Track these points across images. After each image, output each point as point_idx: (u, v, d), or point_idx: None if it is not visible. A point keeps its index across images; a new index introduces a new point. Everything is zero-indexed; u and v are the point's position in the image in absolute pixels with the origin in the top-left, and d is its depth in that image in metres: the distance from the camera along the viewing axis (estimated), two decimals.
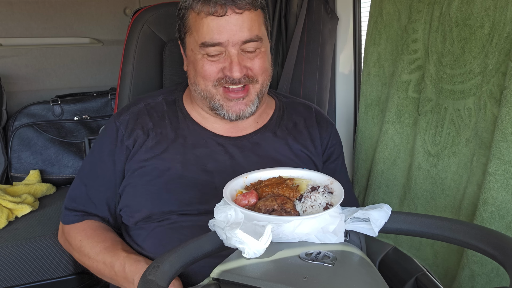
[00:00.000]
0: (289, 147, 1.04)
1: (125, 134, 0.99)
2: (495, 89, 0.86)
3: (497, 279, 0.88)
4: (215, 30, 0.89)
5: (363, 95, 1.31)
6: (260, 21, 0.94)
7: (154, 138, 0.98)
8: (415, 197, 1.09)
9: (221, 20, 0.88)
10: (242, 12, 0.89)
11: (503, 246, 0.57)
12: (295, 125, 1.08)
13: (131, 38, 1.25)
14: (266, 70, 0.96)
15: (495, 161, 0.83)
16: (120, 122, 1.01)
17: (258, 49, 0.93)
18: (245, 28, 0.89)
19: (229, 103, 0.95)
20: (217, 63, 0.92)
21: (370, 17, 1.26)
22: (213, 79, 0.93)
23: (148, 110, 1.02)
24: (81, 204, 1.01)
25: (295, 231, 0.65)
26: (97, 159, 1.02)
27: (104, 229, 1.00)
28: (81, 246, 0.97)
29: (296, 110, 1.11)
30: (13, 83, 2.01)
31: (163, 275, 0.56)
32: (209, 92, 0.95)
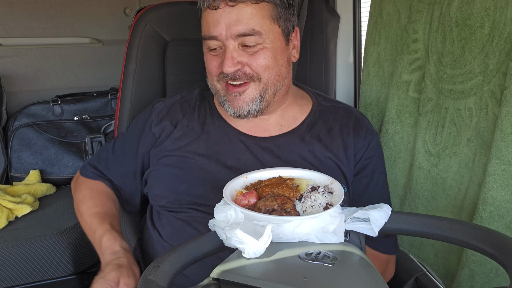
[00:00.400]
0: (314, 154, 0.98)
1: (154, 122, 1.03)
2: (496, 89, 0.86)
3: (496, 279, 0.88)
4: (211, 23, 0.89)
5: (362, 95, 1.31)
6: (262, 15, 0.89)
7: (180, 130, 1.00)
8: (416, 197, 1.10)
9: (216, 13, 0.88)
10: (235, 4, 0.87)
11: (503, 246, 0.57)
12: (329, 131, 1.00)
13: (133, 37, 1.25)
14: (269, 68, 0.91)
15: (495, 161, 0.84)
16: (155, 109, 1.05)
17: (259, 44, 0.89)
18: (240, 21, 0.87)
19: (229, 97, 0.94)
20: (217, 57, 0.92)
21: (370, 17, 1.27)
22: (216, 74, 0.93)
23: (182, 103, 1.05)
24: (103, 165, 1.08)
25: (295, 231, 0.65)
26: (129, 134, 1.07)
27: (109, 197, 1.05)
28: (81, 201, 1.03)
29: (335, 115, 1.03)
30: (13, 83, 2.02)
31: (163, 275, 0.56)
32: (215, 87, 0.96)
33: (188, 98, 1.06)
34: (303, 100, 1.06)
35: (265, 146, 0.98)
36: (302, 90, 1.09)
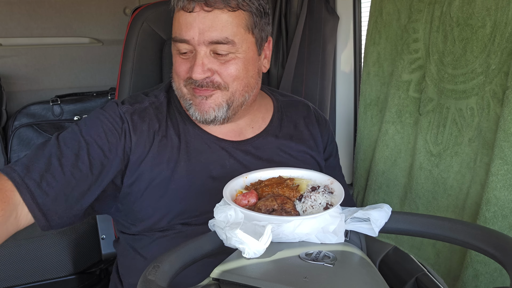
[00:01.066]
0: (291, 149, 1.02)
1: (131, 128, 0.89)
2: (498, 89, 0.85)
3: (500, 278, 0.88)
4: (183, 25, 0.85)
5: (362, 95, 1.31)
6: (237, 23, 0.85)
7: (159, 142, 0.92)
8: (417, 197, 1.09)
9: (190, 17, 0.84)
10: (211, 10, 0.83)
11: (504, 246, 0.57)
12: (295, 126, 1.06)
13: (130, 36, 1.25)
14: (239, 79, 0.88)
15: (498, 161, 0.83)
16: (124, 111, 0.91)
17: (231, 53, 0.86)
18: (214, 27, 0.83)
19: (195, 100, 0.90)
20: (186, 61, 0.88)
21: (370, 16, 1.26)
22: (183, 78, 0.89)
23: (154, 109, 0.95)
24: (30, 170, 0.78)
25: (295, 231, 0.65)
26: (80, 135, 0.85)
27: None
28: None
29: (295, 109, 1.09)
30: (13, 83, 2.01)
31: (163, 275, 0.56)
32: (181, 91, 0.91)
33: (158, 104, 0.96)
34: (264, 99, 1.07)
35: (245, 150, 0.98)
36: None
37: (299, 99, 1.13)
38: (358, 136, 1.35)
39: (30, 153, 0.83)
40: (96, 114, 0.91)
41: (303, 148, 1.03)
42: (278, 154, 1.00)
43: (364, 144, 1.33)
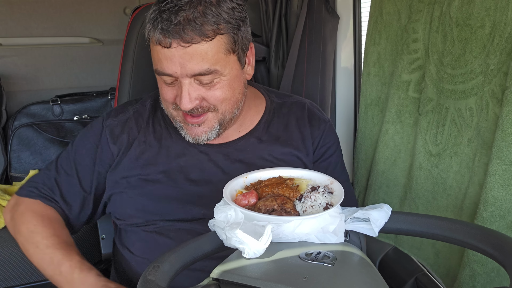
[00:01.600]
0: (273, 154, 1.01)
1: (110, 140, 0.98)
2: (497, 89, 0.85)
3: (497, 278, 0.88)
4: (163, 60, 0.84)
5: (363, 95, 1.31)
6: (216, 50, 0.84)
7: (138, 147, 0.97)
8: (416, 197, 1.09)
9: (168, 52, 0.82)
10: (189, 45, 0.81)
11: (503, 246, 0.57)
12: (286, 127, 1.04)
13: (130, 36, 1.25)
14: (226, 99, 0.89)
15: (496, 160, 0.83)
16: (107, 125, 0.99)
17: (216, 79, 0.86)
18: (195, 61, 0.82)
19: (187, 126, 0.92)
20: (171, 89, 0.88)
21: (370, 16, 1.26)
22: (171, 103, 0.90)
23: (136, 118, 1.00)
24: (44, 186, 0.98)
25: (295, 231, 0.65)
26: (79, 151, 0.99)
27: (61, 223, 0.97)
28: (33, 232, 0.91)
29: (289, 111, 1.07)
30: (13, 83, 2.01)
31: (163, 275, 0.56)
32: (170, 114, 0.94)
33: (141, 112, 1.01)
34: (257, 100, 1.07)
35: (226, 152, 0.99)
36: (255, 89, 1.09)
37: (297, 99, 1.11)
38: (359, 136, 1.36)
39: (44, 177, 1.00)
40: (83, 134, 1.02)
41: (289, 150, 1.02)
42: (260, 157, 1.00)
43: (365, 144, 1.33)
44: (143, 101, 1.04)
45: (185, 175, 0.96)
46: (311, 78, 1.46)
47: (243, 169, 0.94)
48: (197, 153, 0.98)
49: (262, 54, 1.75)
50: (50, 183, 0.99)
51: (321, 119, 1.09)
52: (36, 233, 0.91)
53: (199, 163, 0.97)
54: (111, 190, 0.98)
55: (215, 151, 0.99)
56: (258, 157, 1.00)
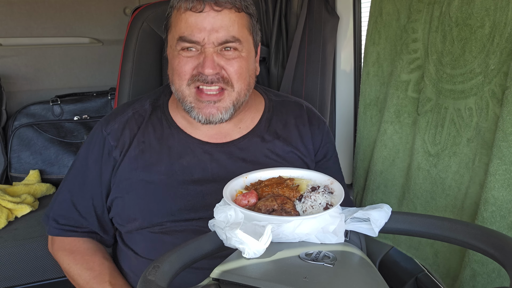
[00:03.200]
0: (276, 151, 1.02)
1: (113, 145, 0.97)
2: (497, 89, 0.85)
3: (498, 279, 0.88)
4: (193, 25, 0.87)
5: (362, 95, 1.31)
6: (242, 24, 0.91)
7: (137, 147, 0.96)
8: (415, 197, 1.09)
9: (199, 17, 0.86)
10: (221, 9, 0.87)
11: (503, 246, 0.57)
12: (285, 125, 1.05)
13: (130, 36, 1.25)
14: (242, 77, 0.92)
15: (496, 160, 0.83)
16: (108, 132, 0.98)
17: (237, 51, 0.90)
18: (223, 26, 0.87)
19: (200, 105, 0.92)
20: (192, 59, 0.90)
21: (370, 16, 1.26)
22: (188, 77, 0.90)
23: (136, 118, 1.00)
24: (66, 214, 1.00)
25: (295, 231, 0.65)
26: (83, 165, 1.00)
27: (92, 252, 0.99)
28: (69, 270, 0.97)
29: (287, 109, 1.08)
30: (13, 83, 2.01)
31: (163, 275, 0.56)
32: (182, 93, 0.92)
33: (141, 111, 1.01)
34: (257, 99, 1.08)
35: (230, 151, 0.99)
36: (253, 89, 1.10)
37: (294, 99, 1.13)
38: (358, 136, 1.35)
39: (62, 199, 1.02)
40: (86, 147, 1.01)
41: (290, 148, 1.03)
42: (264, 155, 1.00)
43: (364, 144, 1.33)
44: (142, 101, 1.04)
45: (189, 176, 0.95)
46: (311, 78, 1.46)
47: (246, 167, 0.95)
48: (200, 153, 0.98)
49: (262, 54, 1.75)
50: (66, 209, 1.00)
51: (321, 119, 1.11)
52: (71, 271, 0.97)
53: (202, 162, 0.97)
54: (114, 194, 0.97)
55: (218, 150, 0.98)
56: (261, 155, 1.00)
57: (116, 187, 0.96)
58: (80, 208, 0.99)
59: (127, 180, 0.95)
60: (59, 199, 1.02)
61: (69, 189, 1.01)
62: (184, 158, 0.97)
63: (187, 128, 0.99)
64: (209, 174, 0.96)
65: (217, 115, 0.92)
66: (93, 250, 0.99)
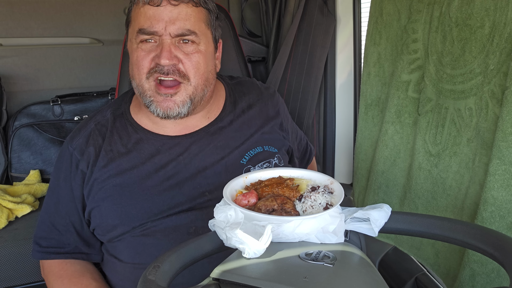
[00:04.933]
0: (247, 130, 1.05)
1: (80, 159, 0.98)
2: (497, 89, 0.86)
3: (497, 279, 0.88)
4: (152, 17, 0.90)
5: (363, 95, 1.31)
6: (199, 17, 0.93)
7: (105, 157, 0.97)
8: (416, 197, 1.09)
9: (157, 10, 0.90)
10: (178, 4, 0.90)
11: (503, 246, 0.57)
12: (249, 106, 1.09)
13: None
14: (200, 72, 0.94)
15: (496, 161, 0.83)
16: (74, 147, 0.99)
17: (194, 44, 0.93)
18: (180, 19, 0.90)
19: (158, 98, 0.93)
20: (149, 52, 0.92)
21: (370, 17, 1.26)
22: (146, 70, 0.92)
23: (99, 129, 1.01)
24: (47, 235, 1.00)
25: (295, 231, 0.65)
26: (55, 185, 1.01)
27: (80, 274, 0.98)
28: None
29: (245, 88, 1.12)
30: (13, 83, 2.01)
31: (163, 275, 0.56)
32: (142, 87, 0.94)
33: (103, 122, 1.02)
34: (218, 85, 1.10)
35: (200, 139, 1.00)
36: None
37: (246, 78, 1.17)
38: (359, 136, 1.36)
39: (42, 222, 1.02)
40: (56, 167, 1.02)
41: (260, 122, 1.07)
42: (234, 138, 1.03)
43: (365, 144, 1.33)
44: (103, 112, 1.05)
45: (163, 172, 0.96)
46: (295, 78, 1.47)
47: (217, 153, 0.99)
48: (171, 147, 0.99)
49: (262, 54, 1.75)
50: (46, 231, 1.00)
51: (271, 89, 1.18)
52: None
53: (173, 156, 0.98)
54: (90, 205, 0.97)
55: (188, 142, 1.00)
56: (232, 138, 1.02)
57: (91, 198, 0.96)
58: (59, 227, 0.99)
59: (100, 189, 0.95)
60: (39, 222, 1.02)
61: (46, 211, 1.01)
62: (155, 157, 0.97)
63: (153, 129, 1.00)
64: (182, 165, 0.97)
65: (174, 109, 0.93)
66: (80, 272, 0.98)
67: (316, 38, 1.44)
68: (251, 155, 1.02)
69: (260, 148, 1.04)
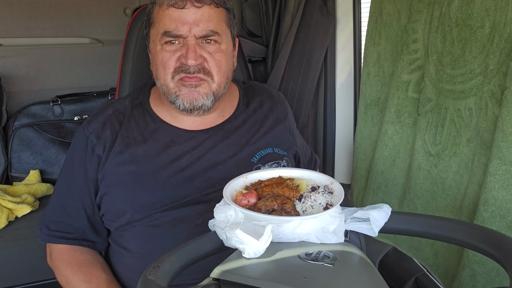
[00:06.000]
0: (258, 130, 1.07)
1: (96, 143, 0.99)
2: (496, 89, 0.86)
3: (497, 278, 0.88)
4: (177, 20, 0.92)
5: (362, 95, 1.31)
6: (220, 18, 0.96)
7: (121, 142, 0.98)
8: (415, 197, 1.09)
9: (182, 12, 0.92)
10: (201, 6, 0.93)
11: (503, 246, 0.57)
12: (261, 107, 1.12)
13: (130, 36, 1.25)
14: (222, 70, 0.97)
15: (496, 161, 0.83)
16: (90, 131, 1.00)
17: (217, 43, 0.96)
18: (203, 21, 0.93)
19: (184, 90, 0.95)
20: (175, 52, 0.94)
21: (370, 17, 1.26)
22: (171, 70, 0.95)
23: (117, 115, 1.03)
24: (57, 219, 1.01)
25: (295, 231, 0.65)
26: (69, 168, 1.01)
27: (90, 264, 0.99)
28: (67, 282, 0.97)
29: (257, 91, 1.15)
30: (13, 83, 2.01)
31: (163, 275, 0.56)
32: (167, 86, 0.96)
33: (121, 109, 1.04)
34: (232, 87, 1.13)
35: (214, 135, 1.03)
36: None
37: (255, 83, 1.20)
38: (358, 136, 1.36)
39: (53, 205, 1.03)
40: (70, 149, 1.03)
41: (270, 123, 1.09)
42: (246, 135, 1.05)
43: (365, 144, 1.33)
44: (121, 100, 1.07)
45: (176, 163, 0.98)
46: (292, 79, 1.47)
47: (231, 150, 1.02)
48: (186, 139, 1.01)
49: (262, 54, 1.75)
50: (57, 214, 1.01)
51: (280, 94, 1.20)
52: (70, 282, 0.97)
53: (188, 149, 1.00)
54: (103, 190, 0.98)
55: (203, 137, 1.02)
56: (244, 136, 1.05)
57: (104, 183, 0.97)
58: (70, 210, 1.00)
59: (114, 174, 0.97)
60: (49, 205, 1.03)
61: (58, 194, 1.02)
62: (170, 148, 0.99)
63: (171, 121, 1.03)
64: (195, 159, 0.99)
65: (200, 99, 0.96)
66: (90, 262, 0.99)
67: (315, 39, 1.45)
68: (261, 155, 1.05)
69: (270, 149, 1.06)
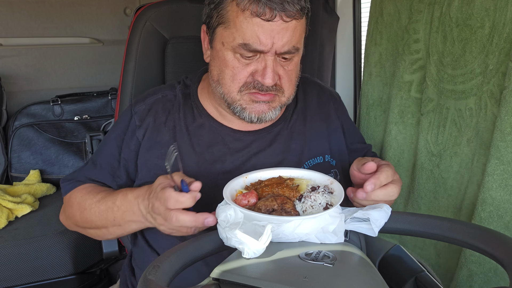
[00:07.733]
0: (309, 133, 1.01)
1: (138, 125, 0.97)
2: (496, 89, 0.86)
3: (495, 278, 0.88)
4: (261, 34, 0.82)
5: (364, 96, 1.31)
6: (302, 30, 0.87)
7: (166, 134, 0.95)
8: (419, 197, 1.09)
9: (268, 26, 0.81)
10: (290, 21, 0.82)
11: (502, 245, 0.57)
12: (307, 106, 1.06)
13: (133, 35, 1.25)
14: (293, 84, 0.92)
15: (494, 161, 0.84)
16: (135, 111, 0.98)
17: (295, 58, 0.89)
18: (288, 37, 0.83)
19: (253, 105, 0.89)
20: (249, 66, 0.86)
21: (371, 17, 1.26)
22: (241, 83, 0.87)
23: (164, 102, 0.99)
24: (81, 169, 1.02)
25: (295, 231, 0.65)
26: (106, 141, 1.02)
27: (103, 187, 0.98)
28: (81, 201, 0.94)
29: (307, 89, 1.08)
30: (13, 83, 2.02)
31: (163, 275, 0.56)
32: (232, 98, 0.89)
33: (170, 97, 1.00)
34: None
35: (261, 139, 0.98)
36: None
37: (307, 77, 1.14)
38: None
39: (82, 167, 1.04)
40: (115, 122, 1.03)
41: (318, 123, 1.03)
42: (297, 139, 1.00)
43: None
44: (172, 86, 1.03)
45: (219, 165, 0.94)
46: None
47: (278, 154, 0.96)
48: (232, 141, 0.96)
49: None
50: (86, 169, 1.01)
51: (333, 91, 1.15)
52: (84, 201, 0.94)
53: (233, 151, 0.96)
54: (144, 179, 0.95)
55: (250, 139, 0.97)
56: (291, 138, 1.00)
57: (146, 171, 0.95)
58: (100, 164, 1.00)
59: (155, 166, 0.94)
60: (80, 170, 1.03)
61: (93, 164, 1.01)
62: (214, 147, 0.95)
63: (219, 118, 0.98)
64: (240, 162, 0.95)
65: (268, 113, 0.90)
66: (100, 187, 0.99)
67: (324, 37, 1.44)
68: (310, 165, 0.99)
69: (320, 158, 1.01)
